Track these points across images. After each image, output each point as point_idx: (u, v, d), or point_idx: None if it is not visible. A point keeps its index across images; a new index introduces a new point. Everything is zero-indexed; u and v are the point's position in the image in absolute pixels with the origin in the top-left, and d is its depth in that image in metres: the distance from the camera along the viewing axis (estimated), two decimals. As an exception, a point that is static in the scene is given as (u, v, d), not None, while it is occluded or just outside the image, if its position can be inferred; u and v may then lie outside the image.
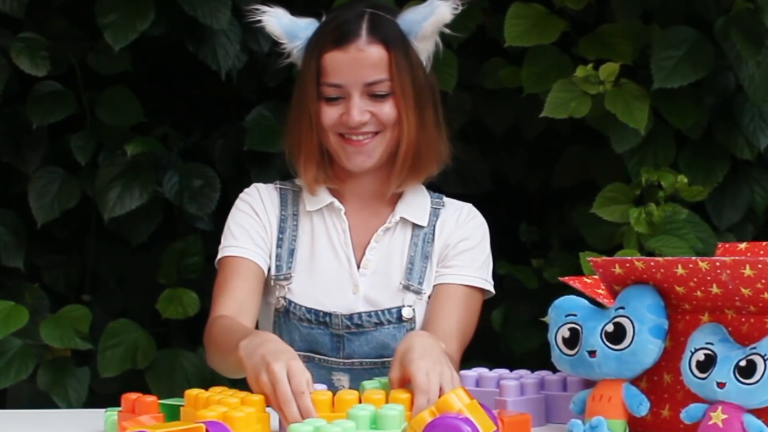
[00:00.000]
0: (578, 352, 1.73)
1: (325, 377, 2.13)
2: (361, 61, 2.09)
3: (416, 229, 2.19)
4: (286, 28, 2.16)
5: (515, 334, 3.08)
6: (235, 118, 3.16)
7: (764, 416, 1.60)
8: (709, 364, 1.62)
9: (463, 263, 2.17)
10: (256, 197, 2.21)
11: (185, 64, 3.19)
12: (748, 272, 1.61)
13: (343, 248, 2.17)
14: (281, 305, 2.16)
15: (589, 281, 1.98)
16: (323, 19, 2.16)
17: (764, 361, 1.58)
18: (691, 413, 1.64)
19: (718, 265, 1.63)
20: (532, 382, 1.90)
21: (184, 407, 1.78)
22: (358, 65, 2.09)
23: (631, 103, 2.75)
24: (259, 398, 1.73)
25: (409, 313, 2.14)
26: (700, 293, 1.69)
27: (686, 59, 2.81)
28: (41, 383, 3.00)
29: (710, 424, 1.61)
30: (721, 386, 1.60)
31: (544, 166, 3.23)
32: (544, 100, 2.78)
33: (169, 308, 3.00)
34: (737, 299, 1.66)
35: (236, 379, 1.95)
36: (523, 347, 3.05)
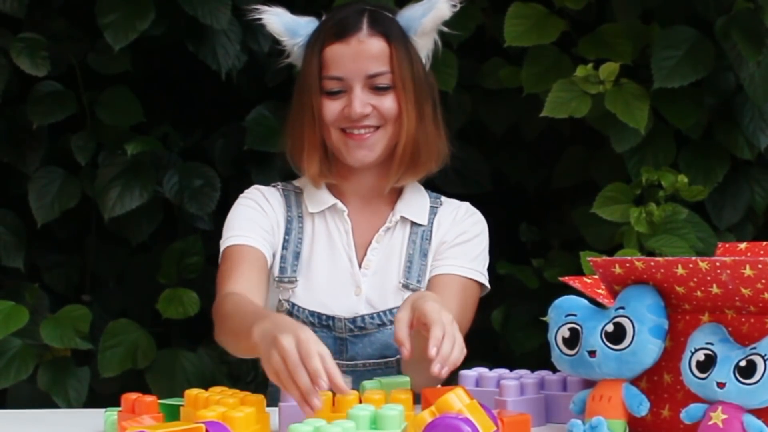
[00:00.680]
0: (578, 352, 1.73)
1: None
2: (362, 53, 2.09)
3: (414, 227, 2.19)
4: (287, 25, 2.17)
5: (515, 334, 3.08)
6: (235, 118, 3.16)
7: (764, 416, 1.60)
8: (709, 364, 1.62)
9: (456, 255, 2.17)
10: (260, 196, 2.20)
11: (185, 63, 3.18)
12: (748, 272, 1.61)
13: (345, 249, 2.17)
14: (284, 308, 2.15)
15: (589, 281, 1.97)
16: (323, 18, 2.17)
17: (764, 361, 1.58)
18: (691, 413, 1.64)
19: (718, 265, 1.63)
20: (532, 382, 1.89)
21: (183, 407, 1.78)
22: (359, 57, 2.09)
23: (631, 102, 2.75)
24: (259, 398, 1.73)
25: (409, 311, 2.14)
26: (700, 293, 1.69)
27: (686, 59, 2.81)
28: (41, 383, 3.00)
29: (710, 424, 1.61)
30: (721, 386, 1.60)
31: (544, 166, 3.22)
32: (544, 100, 2.78)
33: (169, 308, 3.00)
34: (737, 299, 1.66)
35: (236, 379, 1.94)
36: (523, 347, 3.04)
